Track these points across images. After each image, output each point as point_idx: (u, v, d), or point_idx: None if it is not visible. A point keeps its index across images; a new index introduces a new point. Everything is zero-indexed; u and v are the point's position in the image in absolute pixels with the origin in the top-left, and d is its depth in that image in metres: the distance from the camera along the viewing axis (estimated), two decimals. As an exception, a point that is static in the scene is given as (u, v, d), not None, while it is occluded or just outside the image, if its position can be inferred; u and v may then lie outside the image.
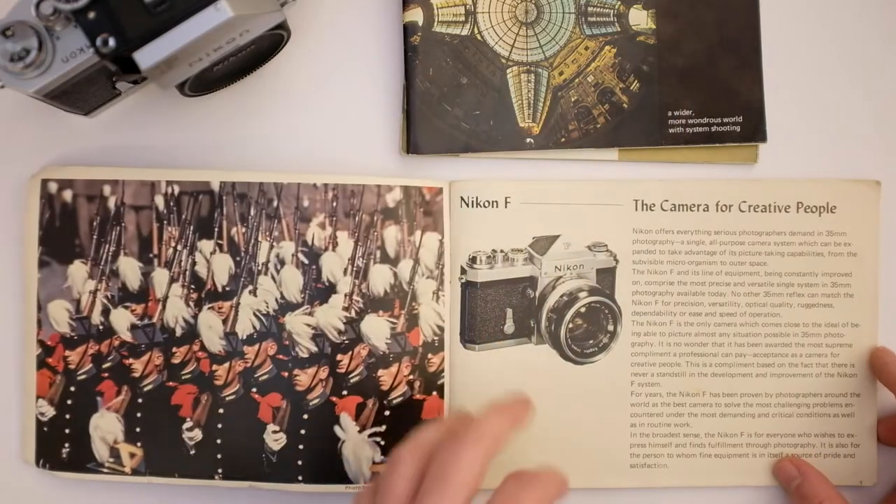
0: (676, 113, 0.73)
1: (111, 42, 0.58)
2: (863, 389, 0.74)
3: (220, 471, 0.73)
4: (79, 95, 0.65)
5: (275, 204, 0.73)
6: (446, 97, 0.73)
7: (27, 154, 0.74)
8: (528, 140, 0.73)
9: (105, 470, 0.73)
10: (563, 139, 0.73)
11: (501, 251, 0.73)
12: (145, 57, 0.59)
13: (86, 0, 0.58)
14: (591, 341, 0.74)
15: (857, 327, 0.74)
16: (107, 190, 0.73)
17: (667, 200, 0.74)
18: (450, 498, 0.56)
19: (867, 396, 0.74)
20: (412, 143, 0.73)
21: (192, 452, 0.73)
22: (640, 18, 0.73)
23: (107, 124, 0.75)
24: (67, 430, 0.73)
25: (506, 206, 0.73)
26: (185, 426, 0.73)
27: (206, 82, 0.66)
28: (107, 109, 0.72)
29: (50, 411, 0.73)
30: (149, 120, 0.75)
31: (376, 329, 0.73)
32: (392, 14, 0.74)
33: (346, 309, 0.73)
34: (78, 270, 0.73)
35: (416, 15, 0.73)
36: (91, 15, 0.59)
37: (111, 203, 0.73)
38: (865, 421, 0.74)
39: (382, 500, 0.58)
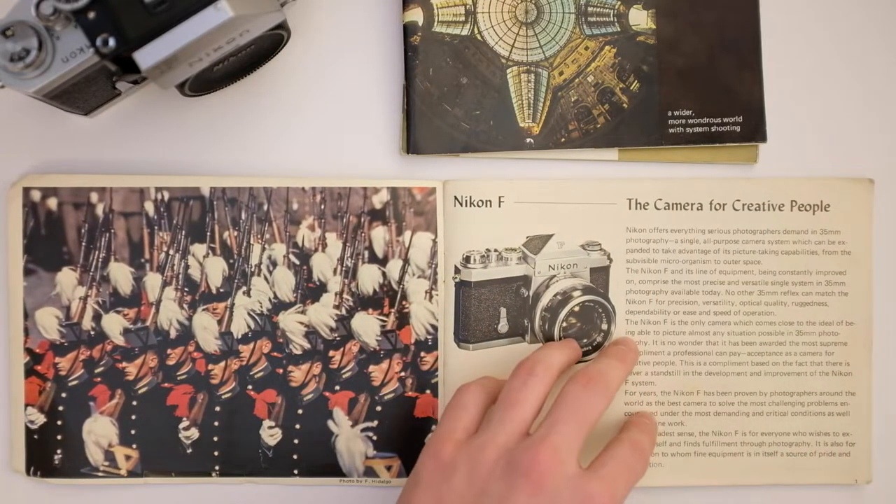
0: (676, 113, 0.73)
1: (111, 42, 0.58)
2: (858, 388, 0.74)
3: (217, 468, 0.73)
4: (79, 95, 0.65)
5: (265, 207, 0.73)
6: (446, 97, 0.73)
7: (12, 159, 0.74)
8: (528, 140, 0.73)
9: (100, 474, 0.73)
10: (563, 139, 0.73)
11: (495, 250, 0.73)
12: (145, 57, 0.58)
13: (86, 0, 0.58)
14: (584, 340, 0.74)
15: (851, 325, 0.74)
16: (94, 197, 0.73)
17: (660, 199, 0.74)
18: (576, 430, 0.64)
19: (863, 395, 0.74)
20: (412, 143, 0.73)
21: (189, 451, 0.73)
22: (640, 18, 0.73)
23: (103, 124, 0.74)
24: (59, 437, 0.73)
25: (499, 206, 0.73)
26: (181, 426, 0.73)
27: (206, 82, 0.66)
28: (107, 109, 0.71)
29: (40, 419, 0.73)
30: (148, 119, 0.74)
31: (366, 326, 0.74)
32: (392, 14, 0.74)
33: (337, 307, 0.74)
34: (67, 277, 0.73)
35: (416, 15, 0.73)
36: (91, 15, 0.58)
37: (99, 210, 0.73)
38: (861, 419, 0.74)
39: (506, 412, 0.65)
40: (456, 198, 0.73)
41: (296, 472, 0.73)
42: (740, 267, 0.74)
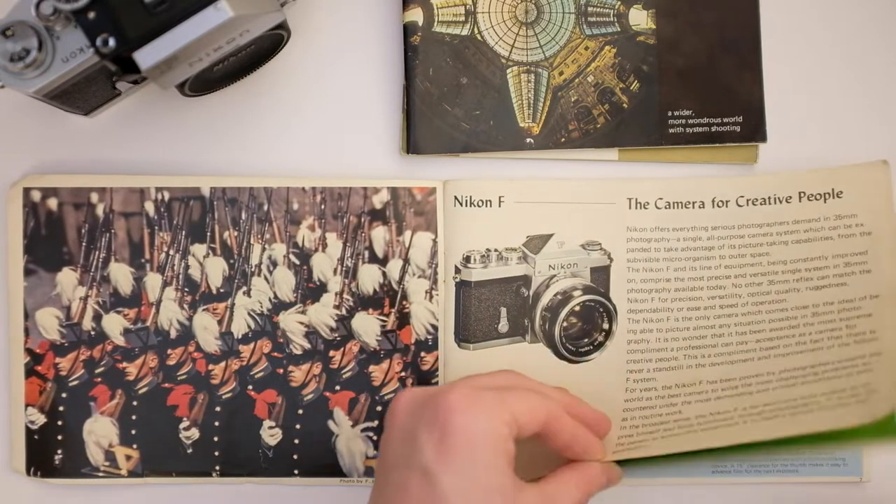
0: (676, 113, 0.73)
1: (111, 42, 0.58)
2: (884, 348, 0.72)
3: (217, 468, 0.73)
4: (79, 95, 0.65)
5: (265, 208, 0.73)
6: (446, 97, 0.73)
7: (12, 159, 0.74)
8: (528, 140, 0.73)
9: (101, 474, 0.73)
10: (563, 139, 0.73)
11: (495, 250, 0.73)
12: (145, 57, 0.58)
13: (86, 0, 0.58)
14: (585, 340, 0.74)
15: (876, 298, 0.73)
16: (94, 197, 0.73)
17: (661, 198, 0.74)
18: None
19: (890, 352, 0.72)
20: (412, 143, 0.73)
21: (190, 451, 0.73)
22: (640, 18, 0.74)
23: (103, 124, 0.74)
24: (60, 437, 0.73)
25: (500, 206, 0.73)
26: (181, 426, 0.73)
27: (206, 82, 0.66)
28: (107, 109, 0.71)
29: (40, 419, 0.73)
30: (148, 119, 0.74)
31: (366, 326, 0.74)
32: (392, 14, 0.74)
33: (337, 307, 0.74)
34: (67, 278, 0.73)
35: (416, 15, 0.73)
36: (91, 15, 0.58)
37: (99, 210, 0.73)
38: (887, 370, 0.72)
39: None
40: (456, 198, 0.73)
41: (296, 472, 0.73)
42: (747, 260, 0.73)
